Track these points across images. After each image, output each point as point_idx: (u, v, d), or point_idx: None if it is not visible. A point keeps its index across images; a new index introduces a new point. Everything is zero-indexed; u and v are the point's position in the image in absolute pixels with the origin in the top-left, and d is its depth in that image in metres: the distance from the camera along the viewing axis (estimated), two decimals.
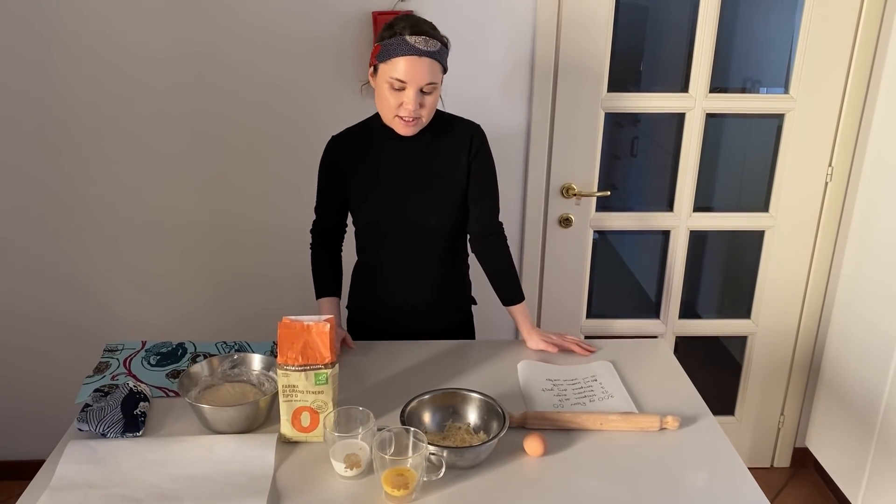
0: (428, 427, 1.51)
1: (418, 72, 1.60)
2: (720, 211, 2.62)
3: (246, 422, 1.51)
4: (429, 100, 1.65)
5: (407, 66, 1.60)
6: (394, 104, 1.65)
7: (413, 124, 1.67)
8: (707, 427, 1.56)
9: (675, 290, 2.66)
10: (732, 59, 2.63)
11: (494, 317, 2.19)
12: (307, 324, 1.46)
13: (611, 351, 1.87)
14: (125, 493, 1.34)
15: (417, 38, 1.60)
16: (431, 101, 1.66)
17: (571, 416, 1.54)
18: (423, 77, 1.61)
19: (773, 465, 2.88)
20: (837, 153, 2.47)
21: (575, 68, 2.37)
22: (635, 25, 2.80)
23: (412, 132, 1.70)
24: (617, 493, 1.37)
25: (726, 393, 2.82)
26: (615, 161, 3.01)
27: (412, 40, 1.60)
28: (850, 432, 2.46)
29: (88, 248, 2.48)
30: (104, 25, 2.23)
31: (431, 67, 1.62)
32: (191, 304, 2.56)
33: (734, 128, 2.72)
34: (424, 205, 1.80)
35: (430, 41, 1.61)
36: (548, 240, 2.56)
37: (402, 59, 1.60)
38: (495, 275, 1.89)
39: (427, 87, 1.63)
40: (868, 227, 2.38)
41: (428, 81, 1.62)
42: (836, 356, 2.54)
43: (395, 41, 1.61)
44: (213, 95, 2.33)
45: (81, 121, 2.33)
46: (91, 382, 1.69)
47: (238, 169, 2.41)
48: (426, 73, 1.61)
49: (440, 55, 1.64)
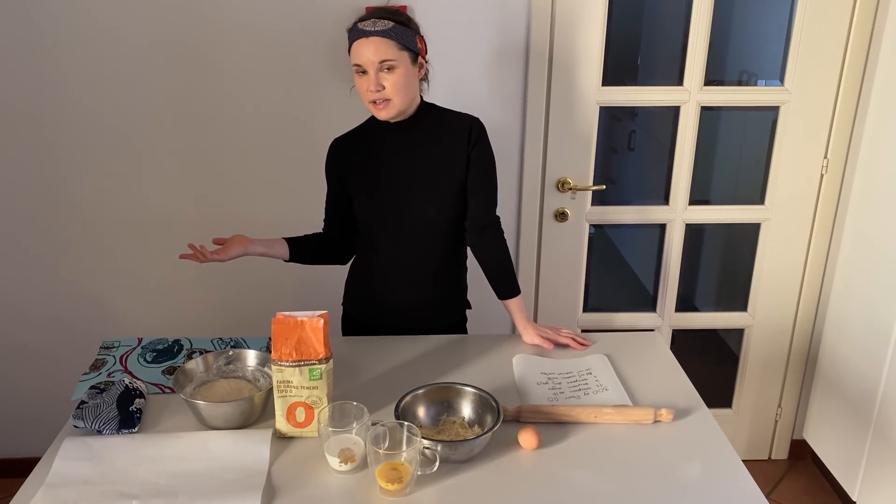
0: (422, 421, 1.51)
1: (368, 51, 1.66)
2: (716, 204, 2.63)
3: (241, 417, 1.51)
4: (391, 78, 1.68)
5: (358, 48, 1.67)
6: (364, 90, 1.70)
7: (384, 106, 1.71)
8: (701, 419, 1.57)
9: (671, 283, 2.66)
10: (728, 52, 2.63)
11: (489, 318, 2.20)
12: (301, 319, 1.46)
13: (606, 344, 1.87)
14: (121, 490, 1.34)
15: (366, 22, 1.67)
16: (395, 80, 1.68)
17: (566, 410, 1.54)
18: (373, 55, 1.66)
19: (771, 458, 2.89)
20: (833, 145, 2.47)
21: (569, 62, 2.36)
22: (630, 18, 2.81)
23: (388, 115, 1.73)
24: (611, 485, 1.37)
25: (723, 385, 2.82)
26: (613, 155, 3.01)
27: (362, 24, 1.67)
28: (847, 424, 2.46)
29: (84, 246, 2.48)
30: (98, 23, 2.23)
31: (382, 45, 1.66)
32: (187, 301, 2.56)
33: (730, 121, 2.72)
34: (424, 196, 1.81)
35: (379, 21, 1.66)
36: (544, 234, 2.56)
37: (356, 44, 1.68)
38: (492, 267, 1.89)
39: (383, 64, 1.67)
40: (863, 219, 2.38)
41: (381, 59, 1.66)
42: (833, 348, 2.55)
43: (351, 30, 1.70)
44: (208, 93, 2.33)
45: (76, 119, 2.33)
46: (87, 379, 1.69)
47: (233, 166, 2.41)
48: (376, 50, 1.65)
49: (392, 33, 1.66)
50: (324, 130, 1.86)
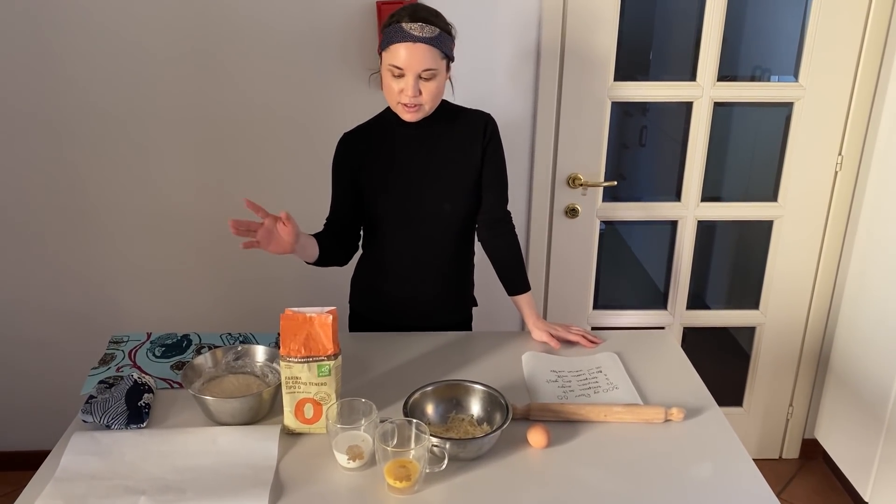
0: (431, 419, 1.50)
1: (414, 58, 1.61)
2: (728, 201, 2.60)
3: (249, 413, 1.51)
4: (429, 86, 1.66)
5: (403, 52, 1.61)
6: (395, 91, 1.66)
7: (415, 110, 1.68)
8: (712, 419, 1.55)
9: (682, 280, 2.64)
10: (742, 47, 2.61)
11: (496, 316, 2.19)
12: (310, 315, 1.45)
13: (616, 342, 1.86)
14: (129, 485, 1.34)
15: (413, 25, 1.61)
16: (432, 88, 1.66)
17: (575, 408, 1.53)
18: (419, 63, 1.62)
19: (782, 457, 2.87)
20: (847, 142, 2.44)
21: (581, 57, 2.35)
22: (643, 14, 2.78)
23: (415, 118, 1.71)
24: (621, 485, 1.36)
25: (735, 384, 2.80)
26: (624, 150, 2.99)
27: (408, 27, 1.61)
28: (860, 423, 2.44)
29: (95, 241, 2.49)
30: (108, 20, 2.23)
31: (428, 53, 1.62)
32: (196, 296, 2.56)
33: (743, 116, 2.69)
34: (439, 191, 1.80)
35: (427, 27, 1.62)
36: (554, 230, 2.54)
37: (399, 46, 1.61)
38: (503, 263, 1.88)
39: (425, 73, 1.63)
40: (878, 217, 2.35)
41: (425, 67, 1.63)
42: (846, 347, 2.52)
43: (392, 29, 1.63)
44: (217, 89, 2.32)
45: (87, 115, 2.33)
46: (96, 374, 1.70)
47: (243, 161, 2.41)
48: (422, 59, 1.62)
49: (439, 41, 1.63)
50: (333, 126, 1.85)
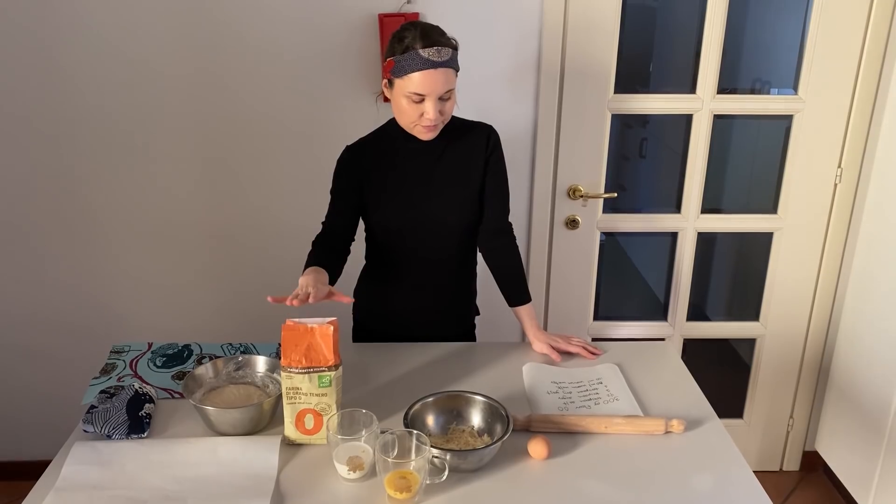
0: (431, 430, 1.50)
1: (436, 83, 1.62)
2: (728, 212, 2.61)
3: (250, 424, 1.51)
4: (447, 105, 1.69)
5: (424, 79, 1.61)
6: (414, 115, 1.67)
7: (434, 129, 1.71)
8: (713, 430, 1.55)
9: (682, 292, 2.64)
10: (741, 60, 2.62)
11: (498, 326, 2.19)
12: (311, 326, 1.46)
13: (617, 354, 1.86)
14: (129, 495, 1.34)
15: (430, 51, 1.61)
16: (450, 105, 1.70)
17: (576, 420, 1.53)
18: (440, 87, 1.63)
19: (783, 469, 2.86)
20: (847, 154, 2.45)
21: (581, 69, 2.36)
22: (644, 26, 2.79)
23: (433, 136, 1.73)
24: (621, 496, 1.36)
25: (735, 396, 2.80)
26: (624, 162, 3.00)
27: (426, 53, 1.60)
28: (860, 436, 2.43)
29: (95, 251, 2.49)
30: (111, 28, 2.24)
31: (446, 76, 1.64)
32: (197, 306, 2.57)
33: (743, 129, 2.70)
34: (443, 203, 1.81)
35: (443, 50, 1.62)
36: (554, 241, 2.55)
37: (418, 74, 1.61)
38: (504, 273, 1.89)
39: (445, 94, 1.66)
40: (877, 229, 2.36)
41: (447, 89, 1.65)
42: (846, 359, 2.52)
43: (408, 56, 1.61)
44: (219, 98, 2.33)
45: (87, 123, 2.34)
46: (97, 384, 1.70)
47: (244, 171, 2.42)
48: (443, 82, 1.63)
49: (453, 61, 1.65)
50: (336, 137, 1.86)
